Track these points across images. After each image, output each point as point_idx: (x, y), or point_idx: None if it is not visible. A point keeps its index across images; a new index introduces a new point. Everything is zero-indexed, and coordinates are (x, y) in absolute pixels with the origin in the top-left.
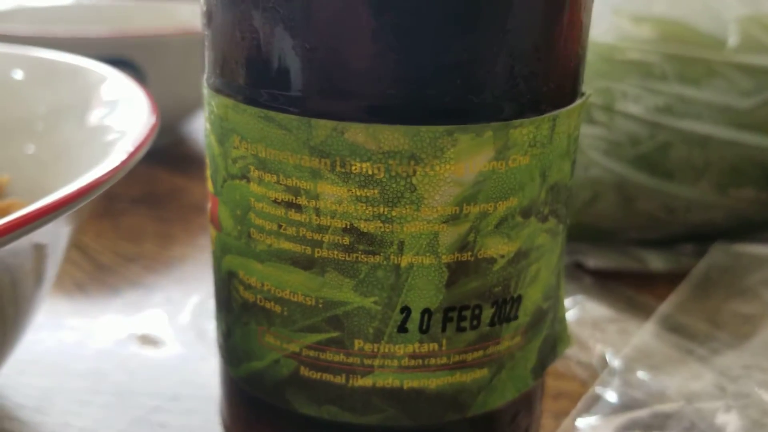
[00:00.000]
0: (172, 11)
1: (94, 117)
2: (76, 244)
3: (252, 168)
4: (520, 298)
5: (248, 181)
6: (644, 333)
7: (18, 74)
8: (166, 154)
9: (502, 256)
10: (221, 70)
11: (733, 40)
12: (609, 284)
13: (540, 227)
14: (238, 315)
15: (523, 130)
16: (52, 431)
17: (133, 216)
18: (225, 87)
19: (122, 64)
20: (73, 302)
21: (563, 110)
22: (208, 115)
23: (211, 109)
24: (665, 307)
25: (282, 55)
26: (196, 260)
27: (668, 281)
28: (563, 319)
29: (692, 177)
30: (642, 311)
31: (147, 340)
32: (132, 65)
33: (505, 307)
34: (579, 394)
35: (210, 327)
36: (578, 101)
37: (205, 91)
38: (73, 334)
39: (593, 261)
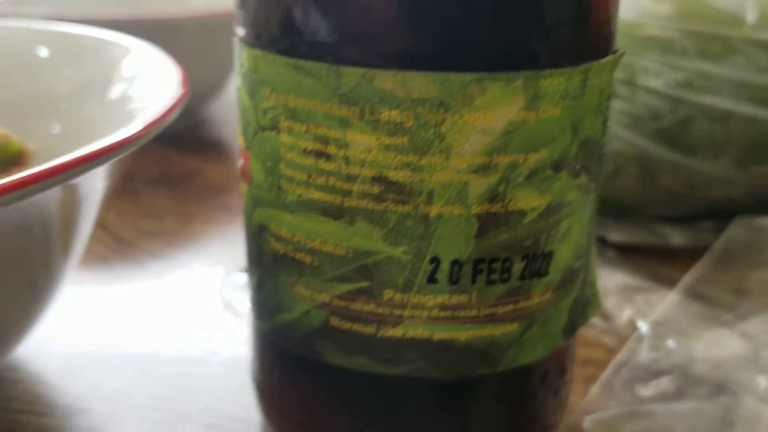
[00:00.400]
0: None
1: (118, 91)
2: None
3: (282, 118)
4: (551, 253)
5: (278, 131)
6: (670, 301)
7: (43, 51)
8: (182, 137)
9: (533, 209)
10: (251, 21)
11: (751, 17)
12: (632, 257)
13: (571, 183)
14: (269, 267)
15: (554, 81)
16: (81, 395)
17: (152, 195)
18: (255, 39)
19: None
20: (96, 274)
21: (595, 63)
22: (239, 69)
23: (242, 62)
24: (689, 277)
25: (311, 3)
26: (216, 235)
27: (689, 256)
28: (594, 283)
29: (713, 152)
30: (665, 283)
31: (173, 309)
32: None
33: (536, 261)
34: (607, 361)
35: (235, 298)
36: (611, 56)
37: (236, 44)
38: (98, 303)
39: (616, 235)
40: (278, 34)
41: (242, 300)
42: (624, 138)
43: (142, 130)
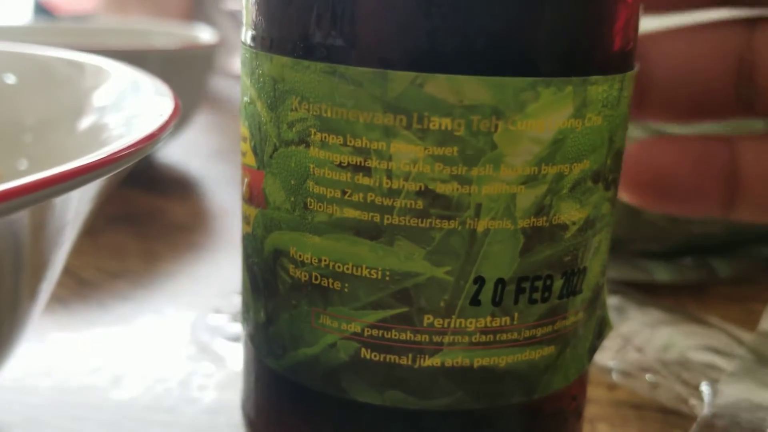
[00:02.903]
0: (147, 33)
1: (91, 119)
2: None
3: (313, 131)
4: (585, 270)
5: (307, 145)
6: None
7: (10, 78)
8: (142, 176)
9: (574, 223)
10: (277, 25)
11: None
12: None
13: (605, 195)
14: (286, 298)
15: (599, 88)
16: None
17: (113, 234)
18: (281, 45)
19: None
20: (57, 318)
21: (629, 72)
22: (254, 82)
23: (261, 72)
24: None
25: (353, 1)
26: (185, 275)
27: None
28: (605, 303)
29: None
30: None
31: (143, 355)
32: None
33: (573, 278)
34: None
35: (211, 341)
36: (635, 68)
37: (250, 54)
38: (61, 349)
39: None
40: (312, 38)
41: (219, 343)
42: None
43: (135, 143)
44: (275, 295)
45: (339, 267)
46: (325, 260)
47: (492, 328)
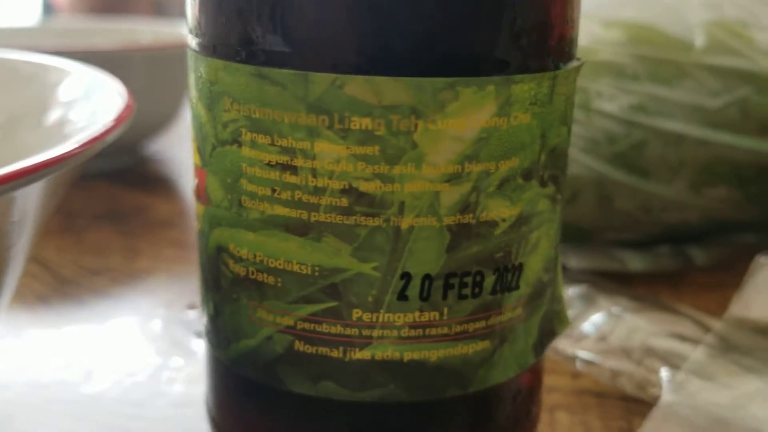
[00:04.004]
0: (132, 32)
1: (55, 115)
2: (35, 258)
3: (244, 131)
4: (521, 266)
5: (239, 145)
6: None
7: None
8: (128, 173)
9: (504, 220)
10: (211, 31)
11: (699, 42)
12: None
13: (540, 192)
14: (228, 292)
15: (525, 86)
16: None
17: (96, 232)
18: (214, 48)
19: None
20: (35, 314)
21: (562, 70)
22: (195, 82)
23: (199, 74)
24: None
25: (276, 7)
26: (163, 272)
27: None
28: (561, 298)
29: (667, 176)
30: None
31: (115, 349)
32: None
33: (507, 275)
34: (573, 388)
35: (183, 337)
36: (575, 64)
37: (191, 57)
38: (37, 345)
39: (575, 261)
40: (240, 43)
41: (191, 338)
42: (581, 162)
43: (80, 146)
44: (219, 289)
45: (272, 262)
46: (260, 256)
47: (421, 323)
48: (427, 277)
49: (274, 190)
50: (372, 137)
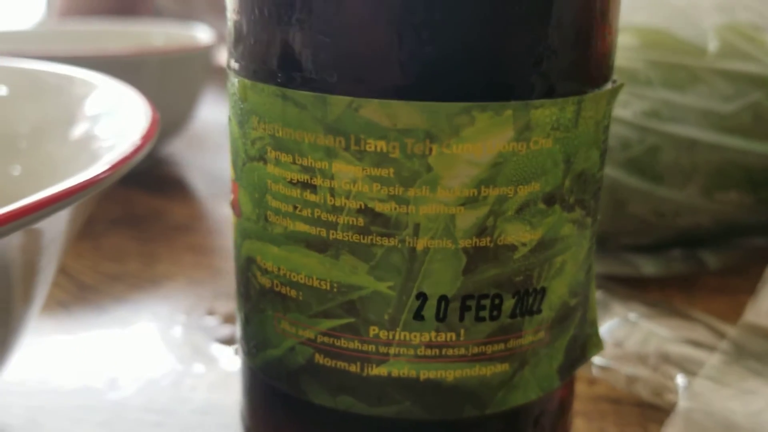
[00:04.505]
0: (145, 35)
1: (81, 129)
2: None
3: (269, 149)
4: (543, 290)
5: (265, 162)
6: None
7: (1, 89)
8: (144, 176)
9: (524, 244)
10: (241, 51)
11: (712, 46)
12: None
13: (565, 217)
14: (256, 302)
15: (545, 111)
16: None
17: (113, 237)
18: (244, 68)
19: None
20: (57, 321)
21: (589, 94)
22: (230, 101)
23: (233, 92)
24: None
25: (299, 35)
26: (183, 277)
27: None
28: (594, 321)
29: (680, 181)
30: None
31: (139, 356)
32: None
33: (528, 298)
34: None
35: (204, 343)
36: (607, 87)
37: (229, 76)
38: (60, 352)
39: None
40: (266, 65)
41: (211, 344)
42: None
43: (109, 169)
44: (249, 298)
45: (294, 276)
46: (283, 269)
47: (437, 343)
48: (443, 298)
49: (295, 207)
50: (387, 159)
